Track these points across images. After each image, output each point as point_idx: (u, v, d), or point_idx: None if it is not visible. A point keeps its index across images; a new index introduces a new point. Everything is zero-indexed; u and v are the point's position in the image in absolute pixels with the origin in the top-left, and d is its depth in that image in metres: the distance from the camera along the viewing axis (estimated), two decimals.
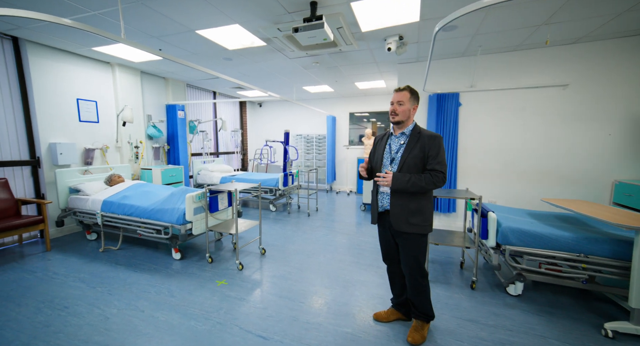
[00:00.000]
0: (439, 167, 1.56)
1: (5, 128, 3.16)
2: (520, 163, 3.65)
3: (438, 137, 1.60)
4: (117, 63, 4.06)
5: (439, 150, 1.58)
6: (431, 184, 1.55)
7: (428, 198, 1.66)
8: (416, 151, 1.60)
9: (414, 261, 1.68)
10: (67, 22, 1.65)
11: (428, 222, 1.65)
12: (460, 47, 3.41)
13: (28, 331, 1.80)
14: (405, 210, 1.62)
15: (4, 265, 2.75)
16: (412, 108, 1.65)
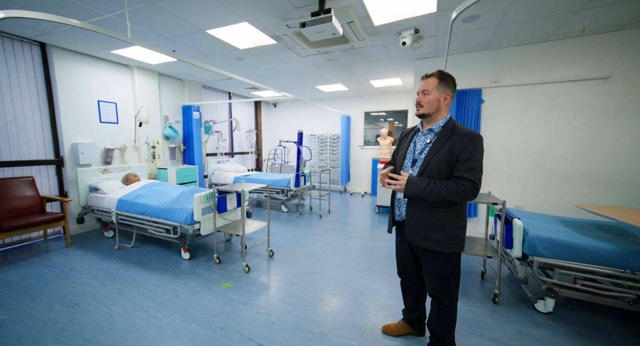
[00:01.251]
0: (469, 174, 1.25)
1: (33, 129, 3.34)
2: (551, 165, 3.32)
3: (475, 137, 1.28)
4: (135, 65, 4.19)
5: (473, 153, 1.27)
6: (455, 195, 1.25)
7: (457, 211, 1.35)
8: (443, 152, 1.30)
9: (438, 283, 1.42)
10: (75, 22, 1.66)
11: (455, 239, 1.34)
12: (483, 39, 3.15)
13: (38, 327, 1.84)
14: (424, 222, 1.36)
15: (28, 259, 2.89)
16: (443, 98, 1.34)
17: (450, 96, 1.36)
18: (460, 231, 1.37)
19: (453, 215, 1.36)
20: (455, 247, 1.36)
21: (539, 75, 3.28)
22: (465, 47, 3.38)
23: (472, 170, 1.27)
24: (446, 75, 1.36)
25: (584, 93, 3.11)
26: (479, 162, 1.28)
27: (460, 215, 1.38)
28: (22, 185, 3.20)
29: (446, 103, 1.36)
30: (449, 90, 1.36)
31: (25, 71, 3.26)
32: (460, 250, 1.37)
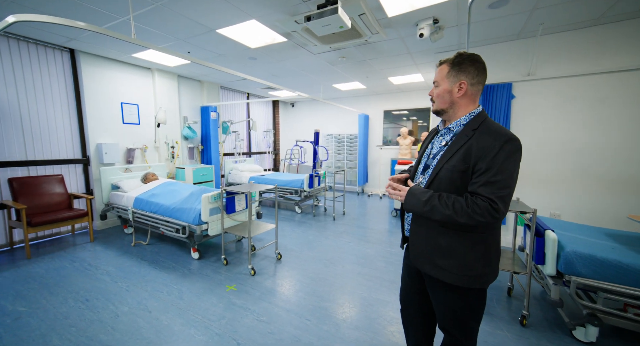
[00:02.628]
0: (487, 190, 0.93)
1: (63, 130, 3.56)
2: (597, 168, 2.90)
3: (501, 138, 0.94)
4: (156, 68, 4.34)
5: (496, 160, 0.93)
6: (464, 215, 0.94)
7: (476, 237, 1.02)
8: (457, 159, 1.00)
9: (451, 318, 1.12)
10: (81, 24, 1.69)
11: (471, 271, 1.02)
12: (515, 27, 2.83)
13: (49, 322, 1.90)
14: (430, 244, 1.08)
15: (54, 253, 3.07)
16: (456, 89, 1.03)
17: (468, 84, 1.02)
18: (479, 261, 1.02)
19: (469, 240, 1.02)
20: (471, 281, 1.03)
21: (583, 66, 2.87)
22: (493, 37, 3.06)
23: (492, 185, 0.92)
24: (463, 58, 1.03)
25: (638, 84, 2.67)
26: (504, 174, 0.92)
27: (483, 241, 1.02)
28: (53, 183, 3.42)
29: (463, 95, 1.03)
30: (465, 77, 1.01)
31: (57, 76, 3.48)
32: (479, 285, 1.04)
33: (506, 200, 0.93)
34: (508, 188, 0.93)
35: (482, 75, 1.03)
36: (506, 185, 0.93)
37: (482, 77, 1.03)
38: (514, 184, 0.96)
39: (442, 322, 1.16)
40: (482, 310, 1.11)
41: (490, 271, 1.06)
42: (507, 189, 0.93)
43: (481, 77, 1.03)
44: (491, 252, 1.05)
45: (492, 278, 1.07)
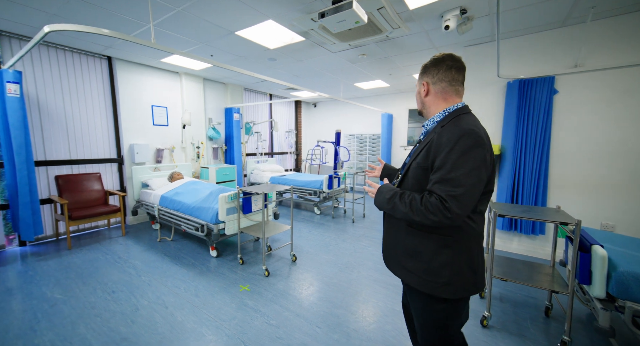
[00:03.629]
0: (440, 187, 0.87)
1: (101, 131, 3.86)
2: None
3: (457, 132, 0.89)
4: (183, 72, 4.55)
5: (450, 156, 0.88)
6: (418, 214, 0.89)
7: (442, 240, 0.96)
8: (421, 156, 0.99)
9: (419, 326, 1.08)
10: (105, 32, 1.78)
11: (435, 277, 0.96)
12: (559, 13, 2.51)
13: (79, 310, 2.05)
14: (398, 245, 1.06)
15: (91, 245, 3.33)
16: (423, 90, 1.06)
17: (430, 84, 1.04)
18: (445, 268, 0.95)
19: (433, 243, 0.97)
20: (436, 288, 0.97)
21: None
22: (532, 25, 2.75)
23: (445, 183, 0.87)
24: (429, 61, 1.06)
25: None
26: (459, 171, 0.86)
27: (448, 245, 0.95)
28: (92, 180, 3.73)
29: (427, 94, 1.06)
30: (426, 77, 1.05)
31: (96, 81, 3.78)
32: (446, 294, 0.96)
33: (460, 199, 0.85)
34: (463, 187, 0.86)
35: (446, 73, 1.01)
36: (461, 184, 0.86)
37: (446, 74, 1.01)
38: (473, 183, 0.87)
39: (418, 335, 1.12)
40: (451, 324, 1.03)
41: (461, 282, 0.96)
42: (461, 188, 0.86)
43: (445, 74, 1.01)
44: (461, 259, 0.97)
45: (463, 290, 0.97)
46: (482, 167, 0.89)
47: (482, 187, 0.91)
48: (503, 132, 3.20)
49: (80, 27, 1.70)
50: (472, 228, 0.97)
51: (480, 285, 1.01)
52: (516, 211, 1.90)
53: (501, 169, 3.24)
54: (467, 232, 0.96)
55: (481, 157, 0.88)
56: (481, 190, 0.92)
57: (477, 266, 0.99)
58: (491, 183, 0.99)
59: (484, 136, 0.91)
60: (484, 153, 0.89)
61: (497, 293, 2.34)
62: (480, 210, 0.99)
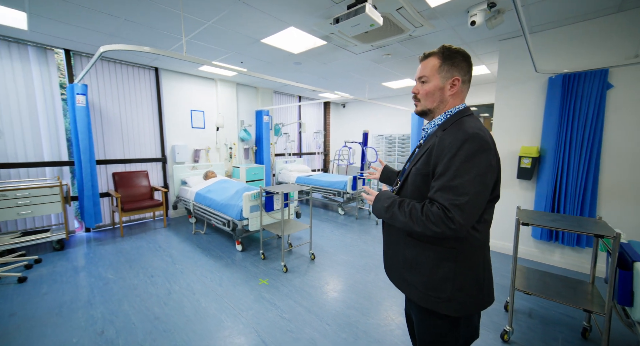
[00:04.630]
0: (442, 196, 0.82)
1: (149, 134, 4.36)
2: None
3: (461, 136, 0.83)
4: (219, 78, 4.91)
5: (453, 162, 0.82)
6: (419, 224, 0.84)
7: (444, 252, 0.90)
8: (421, 162, 0.93)
9: (420, 343, 1.02)
10: (146, 49, 2.04)
11: (436, 292, 0.91)
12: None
13: (124, 290, 2.38)
14: (399, 255, 1.01)
15: (138, 234, 3.80)
16: (449, 86, 0.93)
17: (461, 81, 0.93)
18: (448, 282, 0.89)
19: (435, 254, 0.91)
20: (437, 304, 0.91)
21: None
22: (580, 13, 2.46)
23: (448, 191, 0.81)
24: (454, 52, 0.93)
25: None
26: (463, 179, 0.80)
27: (452, 257, 0.89)
28: (140, 177, 4.23)
29: (455, 92, 0.94)
30: (458, 73, 0.92)
31: (145, 90, 4.28)
32: (448, 311, 0.90)
33: (465, 209, 0.79)
34: (467, 195, 0.80)
35: (470, 72, 0.96)
36: (465, 192, 0.80)
37: (470, 73, 0.96)
38: (478, 190, 0.81)
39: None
40: (452, 342, 0.95)
41: (465, 298, 0.90)
42: (465, 196, 0.80)
43: (470, 73, 0.96)
44: (464, 273, 0.90)
45: (467, 307, 0.90)
46: (488, 172, 0.82)
47: (487, 195, 0.85)
48: (543, 132, 2.92)
49: (126, 46, 1.98)
50: (476, 239, 0.90)
51: (486, 302, 0.95)
52: (544, 220, 1.74)
53: (540, 173, 2.95)
54: (471, 243, 0.90)
55: (486, 162, 0.82)
56: (487, 197, 0.86)
57: (482, 281, 0.93)
58: (497, 190, 0.93)
59: (489, 140, 0.85)
60: (490, 158, 0.83)
61: (525, 307, 2.17)
62: (486, 219, 0.92)
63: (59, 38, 3.08)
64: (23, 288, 2.39)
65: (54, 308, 2.12)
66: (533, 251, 3.06)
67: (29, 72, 3.27)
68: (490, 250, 1.00)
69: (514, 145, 3.12)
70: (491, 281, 0.97)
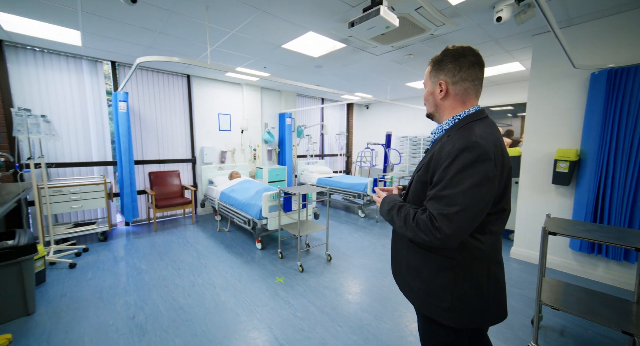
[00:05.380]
0: (432, 205, 0.82)
1: (180, 136, 4.69)
2: None
3: (459, 147, 0.80)
4: (244, 83, 5.15)
5: (449, 172, 0.80)
6: (410, 230, 0.85)
7: (443, 260, 0.89)
8: (423, 169, 0.93)
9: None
10: (175, 59, 2.22)
11: (437, 301, 0.90)
12: None
13: (154, 280, 2.59)
14: (402, 261, 1.01)
15: (170, 229, 4.11)
16: (439, 91, 0.92)
17: (449, 83, 0.90)
18: (447, 292, 0.87)
19: (434, 263, 0.90)
20: (437, 312, 0.90)
21: None
22: (624, 1, 2.21)
23: (438, 200, 0.80)
24: (446, 54, 0.90)
25: None
26: (455, 189, 0.78)
27: (450, 267, 0.87)
28: (173, 177, 4.57)
29: (444, 96, 0.92)
30: (445, 76, 0.90)
31: (178, 95, 4.61)
32: (449, 322, 0.88)
33: (453, 219, 0.77)
34: (456, 206, 0.77)
35: (469, 71, 0.88)
36: (454, 202, 0.78)
37: (469, 72, 0.88)
38: (470, 202, 0.77)
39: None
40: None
41: (467, 310, 0.87)
42: (454, 207, 0.78)
43: (468, 72, 0.88)
44: (465, 284, 0.87)
45: (469, 320, 0.87)
46: (484, 184, 0.78)
47: (483, 207, 0.80)
48: (583, 134, 2.66)
49: (157, 57, 2.17)
50: (478, 250, 0.87)
51: (495, 316, 0.90)
52: (577, 229, 1.60)
53: (580, 179, 2.69)
54: (474, 254, 0.86)
55: (483, 173, 0.78)
56: (482, 210, 0.81)
57: (487, 295, 0.88)
58: (504, 202, 0.88)
59: (490, 149, 0.79)
60: (487, 170, 0.78)
61: (557, 324, 1.99)
62: (492, 230, 0.88)
63: (106, 51, 3.45)
64: (73, 273, 2.70)
65: (96, 292, 2.38)
66: (571, 264, 2.80)
67: (82, 82, 3.70)
68: (501, 264, 0.94)
69: (549, 147, 2.88)
70: (500, 296, 0.92)
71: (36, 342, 1.79)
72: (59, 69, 3.52)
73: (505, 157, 0.84)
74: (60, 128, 3.57)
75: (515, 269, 2.88)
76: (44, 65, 3.43)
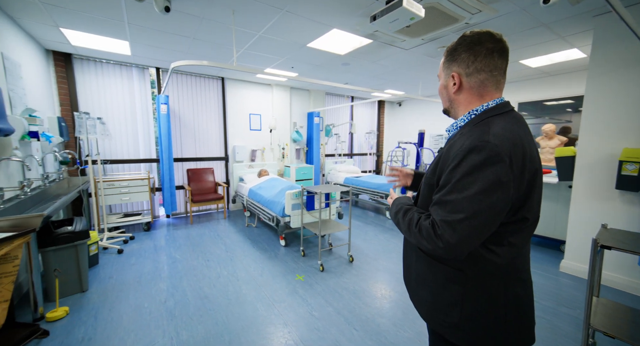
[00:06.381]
0: (437, 211, 0.73)
1: (215, 136, 4.99)
2: None
3: (467, 146, 0.71)
4: (274, 84, 5.28)
5: (455, 175, 0.71)
6: (414, 237, 0.77)
7: (451, 272, 0.79)
8: (431, 169, 0.86)
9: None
10: (205, 63, 2.36)
11: (443, 316, 0.81)
12: None
13: (186, 269, 2.79)
14: (411, 268, 0.94)
15: (203, 223, 4.39)
16: (452, 84, 0.83)
17: (463, 75, 0.80)
18: (455, 308, 0.78)
19: (441, 274, 0.81)
20: (443, 328, 0.82)
21: None
22: None
23: (443, 206, 0.72)
24: (460, 43, 0.80)
25: None
26: (462, 194, 0.69)
27: (459, 280, 0.77)
28: (207, 173, 4.88)
29: (458, 90, 0.82)
30: (457, 67, 0.80)
31: (213, 97, 4.90)
32: (457, 340, 0.79)
33: (457, 228, 0.68)
34: (462, 213, 0.68)
35: (486, 60, 0.77)
36: (459, 209, 0.69)
37: (486, 62, 0.77)
38: (478, 209, 0.68)
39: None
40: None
41: (477, 330, 0.77)
42: (459, 214, 0.68)
43: (484, 62, 0.77)
44: (475, 300, 0.77)
45: (481, 342, 0.77)
46: (496, 190, 0.68)
47: (494, 216, 0.70)
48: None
49: (189, 62, 2.32)
50: (494, 265, 0.75)
51: (516, 342, 0.78)
52: (635, 243, 1.34)
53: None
54: (487, 269, 0.76)
55: (493, 177, 0.67)
56: (493, 219, 0.70)
57: (506, 316, 0.77)
58: (526, 210, 0.75)
59: (504, 150, 0.68)
60: (499, 173, 0.68)
61: None
62: (511, 243, 0.76)
63: (151, 58, 3.79)
64: (120, 258, 3.03)
65: (137, 276, 2.63)
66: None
67: (132, 87, 4.13)
68: (526, 282, 0.81)
69: (612, 146, 2.47)
70: (524, 319, 0.79)
71: (87, 316, 2.05)
72: (113, 76, 3.97)
73: (527, 158, 0.72)
74: (113, 129, 4.02)
75: (566, 285, 2.54)
76: (102, 73, 3.90)
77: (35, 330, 1.82)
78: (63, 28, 2.78)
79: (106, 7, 2.34)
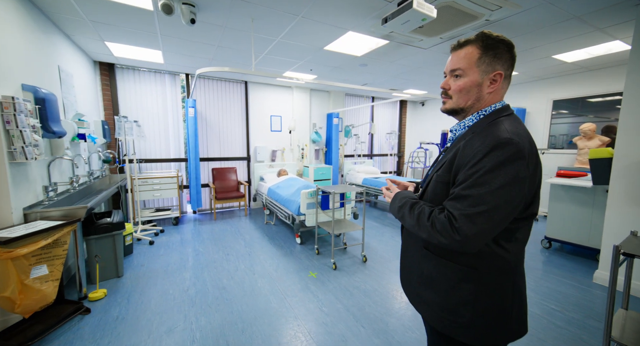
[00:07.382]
0: (454, 205, 0.73)
1: (238, 137, 5.24)
2: None
3: (491, 143, 0.71)
4: (295, 86, 5.42)
5: (477, 171, 0.71)
6: (425, 231, 0.77)
7: (465, 270, 0.79)
8: (444, 168, 0.83)
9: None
10: (226, 69, 2.52)
11: (454, 316, 0.80)
12: None
13: (207, 261, 2.99)
14: (414, 267, 0.92)
15: (226, 219, 4.64)
16: (489, 83, 0.80)
17: (503, 76, 0.79)
18: (467, 307, 0.78)
19: (453, 272, 0.80)
20: (454, 329, 0.81)
21: None
22: None
23: (461, 200, 0.72)
24: (496, 41, 0.78)
25: None
26: (482, 189, 0.69)
27: (472, 278, 0.77)
28: (231, 173, 5.14)
29: (495, 89, 0.80)
30: (501, 66, 0.78)
31: (237, 100, 5.16)
32: (468, 340, 0.79)
33: (476, 220, 0.69)
34: (482, 205, 0.69)
35: (513, 67, 0.82)
36: (480, 202, 0.69)
37: (513, 68, 0.82)
38: (498, 203, 0.69)
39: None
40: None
41: (487, 326, 0.78)
42: (479, 206, 0.69)
43: (513, 68, 0.82)
44: (487, 298, 0.78)
45: (489, 337, 0.79)
46: (516, 185, 0.70)
47: (511, 210, 0.71)
48: None
49: (212, 68, 2.50)
50: (503, 260, 0.77)
51: (516, 333, 0.81)
52: None
53: None
54: (497, 264, 0.77)
55: (514, 173, 0.69)
56: (509, 214, 0.72)
57: (511, 309, 0.80)
58: (534, 207, 0.78)
59: (525, 147, 0.71)
60: (519, 169, 0.70)
61: None
62: (518, 238, 0.78)
63: (181, 65, 4.10)
64: (151, 249, 3.32)
65: (165, 266, 2.88)
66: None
67: (164, 92, 4.48)
68: (523, 275, 0.85)
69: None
70: (523, 310, 0.83)
71: (121, 298, 2.29)
72: (148, 82, 4.34)
73: (538, 157, 0.76)
74: (147, 131, 4.39)
75: (597, 297, 2.36)
76: (140, 80, 4.29)
77: (79, 307, 2.07)
78: (107, 41, 3.12)
79: (142, 21, 2.60)
